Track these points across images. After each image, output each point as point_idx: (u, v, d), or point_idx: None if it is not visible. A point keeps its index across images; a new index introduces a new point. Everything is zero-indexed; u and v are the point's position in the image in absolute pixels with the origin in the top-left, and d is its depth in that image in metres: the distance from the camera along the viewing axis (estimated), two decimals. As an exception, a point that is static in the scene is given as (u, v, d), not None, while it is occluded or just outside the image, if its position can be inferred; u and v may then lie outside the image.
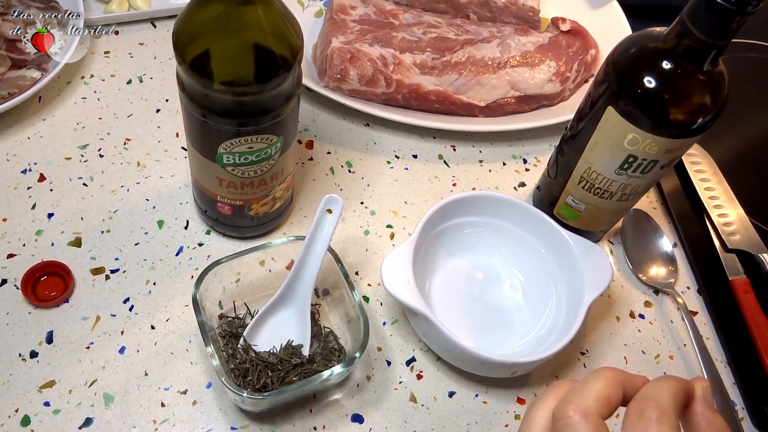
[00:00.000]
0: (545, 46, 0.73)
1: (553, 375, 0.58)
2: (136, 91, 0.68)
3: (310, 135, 0.68)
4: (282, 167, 0.53)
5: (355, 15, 0.71)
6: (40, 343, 0.52)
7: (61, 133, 0.64)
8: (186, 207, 0.61)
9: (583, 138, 0.56)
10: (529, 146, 0.72)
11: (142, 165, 0.63)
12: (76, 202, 0.60)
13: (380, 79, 0.67)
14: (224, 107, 0.45)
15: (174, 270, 0.57)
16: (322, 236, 0.51)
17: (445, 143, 0.71)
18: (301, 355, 0.52)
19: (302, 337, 0.53)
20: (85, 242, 0.58)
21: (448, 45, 0.70)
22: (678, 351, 0.61)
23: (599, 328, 0.61)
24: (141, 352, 0.53)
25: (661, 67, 0.49)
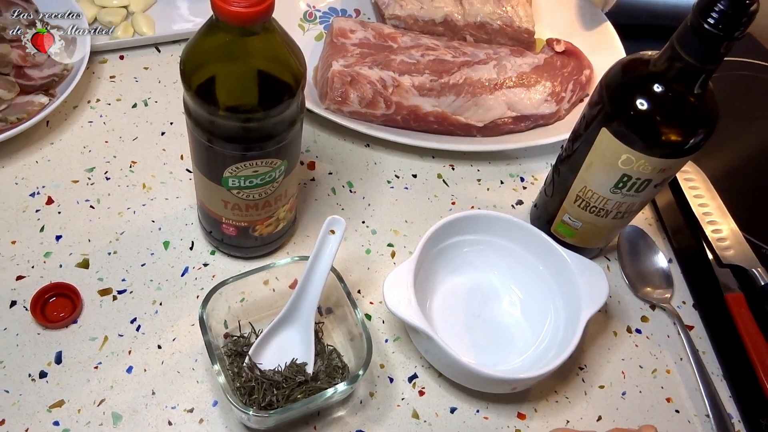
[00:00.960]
0: (540, 67, 0.75)
1: (553, 390, 0.59)
2: (142, 114, 0.70)
3: (311, 156, 0.70)
4: (285, 189, 0.54)
5: (354, 38, 0.73)
6: (50, 364, 0.53)
7: (68, 156, 0.65)
8: (191, 228, 0.62)
9: (578, 158, 0.57)
10: (526, 165, 0.74)
11: (148, 187, 0.64)
12: (84, 224, 0.61)
13: (380, 101, 0.68)
14: (230, 133, 0.47)
15: (180, 290, 0.59)
16: (326, 256, 0.53)
17: (443, 163, 0.72)
18: (306, 373, 0.53)
19: (306, 355, 0.54)
20: (93, 264, 0.59)
21: (445, 67, 0.72)
22: (675, 365, 0.62)
23: (597, 344, 0.62)
24: (148, 371, 0.54)
25: (652, 89, 0.51)
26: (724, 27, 0.45)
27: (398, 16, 0.77)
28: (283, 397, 0.51)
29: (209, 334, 0.50)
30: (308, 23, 0.79)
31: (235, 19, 0.41)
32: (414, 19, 0.77)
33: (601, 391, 0.59)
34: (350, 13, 0.83)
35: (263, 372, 0.52)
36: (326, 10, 0.82)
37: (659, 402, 0.60)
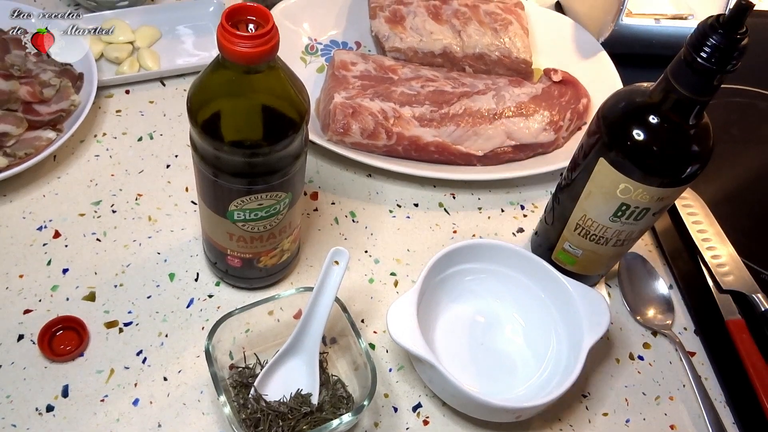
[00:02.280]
0: (538, 97, 0.76)
1: (557, 418, 0.59)
2: (147, 147, 0.71)
3: (314, 186, 0.71)
4: (290, 221, 0.55)
5: (355, 71, 0.74)
6: (56, 397, 0.53)
7: (75, 190, 0.66)
8: (196, 259, 0.63)
9: (577, 187, 0.58)
10: (526, 193, 0.75)
11: (154, 219, 0.65)
12: (90, 258, 0.62)
13: (381, 132, 0.69)
14: (235, 167, 0.48)
15: (185, 322, 0.59)
16: (330, 287, 0.53)
17: (444, 191, 0.73)
18: (311, 404, 0.53)
19: (311, 385, 0.54)
20: (99, 296, 0.59)
21: (445, 98, 0.73)
22: (678, 392, 0.62)
23: (600, 371, 0.62)
24: (154, 403, 0.54)
25: (648, 121, 0.52)
26: (717, 61, 0.46)
27: (398, 48, 0.78)
28: (289, 428, 0.51)
29: (215, 366, 0.50)
30: (310, 56, 0.81)
31: (240, 58, 0.42)
32: (414, 51, 0.79)
33: (605, 418, 0.60)
34: (351, 46, 0.84)
35: (269, 403, 0.53)
36: (327, 43, 0.83)
37: (663, 429, 0.60)
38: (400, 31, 0.79)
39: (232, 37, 0.42)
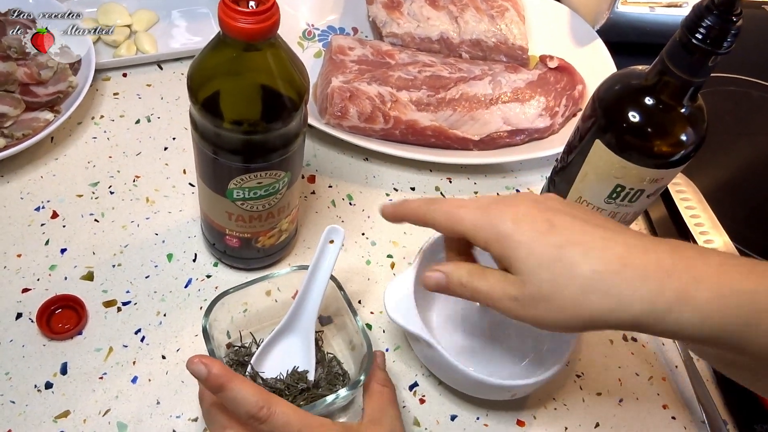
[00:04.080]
0: (534, 83, 0.77)
1: (551, 397, 0.60)
2: (145, 130, 0.71)
3: (311, 170, 0.71)
4: (288, 201, 0.56)
5: (353, 55, 0.74)
6: (55, 375, 0.54)
7: (72, 171, 0.66)
8: (194, 240, 0.63)
9: (573, 169, 0.59)
10: (522, 177, 0.75)
11: (151, 201, 0.65)
12: (88, 238, 0.62)
13: (378, 116, 0.70)
14: (235, 145, 0.48)
15: (183, 301, 0.59)
16: (325, 265, 0.54)
17: (441, 176, 0.74)
18: (307, 381, 0.54)
19: (307, 363, 0.55)
20: (97, 276, 0.60)
21: (442, 83, 0.74)
22: (670, 372, 0.63)
23: (594, 352, 0.63)
24: (153, 381, 0.55)
25: (644, 103, 0.53)
26: (712, 42, 0.47)
27: (395, 33, 0.79)
28: None
29: (212, 344, 0.50)
30: (307, 41, 0.81)
31: (241, 34, 0.43)
32: (411, 36, 0.79)
33: (598, 398, 0.60)
34: (348, 32, 0.84)
35: (265, 380, 0.53)
36: (325, 28, 0.84)
37: (656, 409, 0.61)
38: (397, 17, 0.79)
39: (234, 13, 0.42)
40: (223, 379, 0.41)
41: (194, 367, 0.41)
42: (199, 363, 0.41)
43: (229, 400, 0.41)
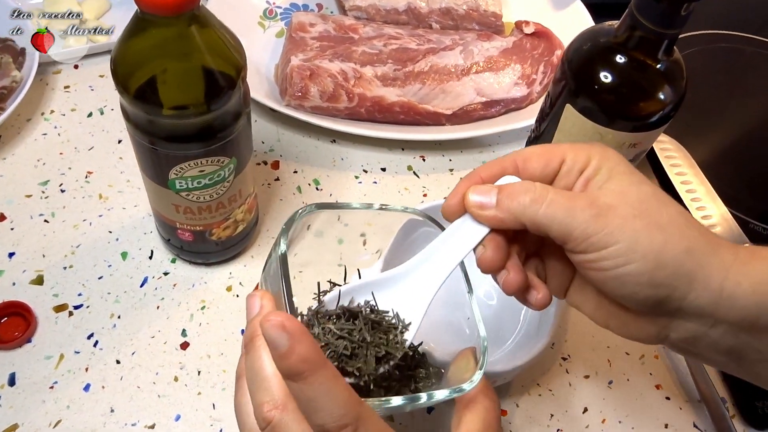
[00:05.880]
0: (509, 50, 0.73)
1: (535, 383, 0.56)
2: (97, 123, 0.67)
3: (275, 155, 0.68)
4: (239, 189, 0.52)
5: (314, 32, 0.70)
6: (2, 386, 0.51)
7: (21, 171, 0.63)
8: (150, 237, 0.60)
9: (546, 138, 0.55)
10: (501, 150, 0.71)
11: (105, 197, 0.62)
12: (38, 240, 0.58)
13: (342, 94, 0.66)
14: (169, 132, 0.45)
15: (139, 302, 0.56)
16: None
17: (413, 154, 0.70)
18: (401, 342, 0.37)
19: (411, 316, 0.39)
20: (48, 279, 0.56)
21: (409, 55, 0.70)
22: (663, 350, 0.59)
23: (580, 332, 0.59)
24: (106, 388, 0.51)
25: (615, 61, 0.49)
26: (682, -13, 0.43)
27: (359, 6, 0.74)
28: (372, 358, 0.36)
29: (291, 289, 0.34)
30: (269, 20, 0.77)
31: (156, 7, 0.39)
32: (376, 9, 0.75)
33: (586, 381, 0.57)
34: (313, 8, 0.80)
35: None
36: (287, 6, 0.79)
37: (648, 389, 0.57)
38: (361, -11, 0.75)
39: (146, -16, 0.38)
40: (307, 366, 0.28)
41: (273, 333, 0.28)
42: (281, 330, 0.28)
43: (304, 398, 0.29)
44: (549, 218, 0.33)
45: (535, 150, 0.37)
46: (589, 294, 0.38)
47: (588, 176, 0.35)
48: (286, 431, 0.29)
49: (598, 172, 0.35)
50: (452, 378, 0.37)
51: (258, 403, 0.30)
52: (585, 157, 0.35)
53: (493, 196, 0.35)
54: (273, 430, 0.30)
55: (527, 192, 0.34)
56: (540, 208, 0.33)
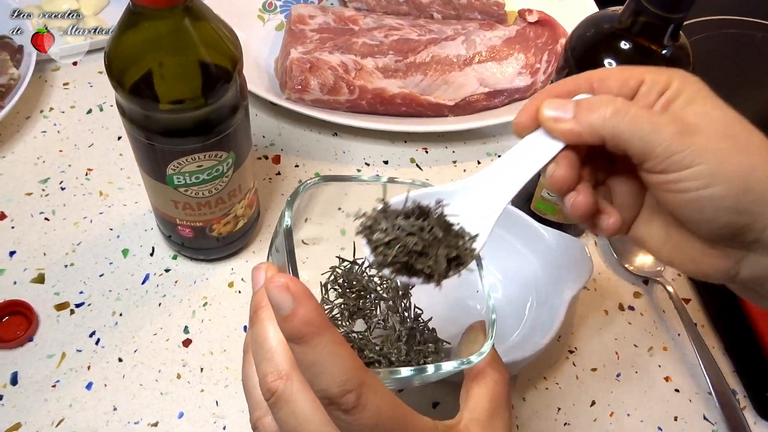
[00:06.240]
0: (512, 39, 0.71)
1: (542, 377, 0.55)
2: (97, 120, 0.67)
3: (276, 150, 0.67)
4: (239, 184, 0.51)
5: (314, 24, 0.69)
6: (5, 385, 0.50)
7: (21, 169, 0.62)
8: (151, 233, 0.59)
9: (549, 128, 0.54)
10: (504, 142, 0.70)
11: (105, 194, 0.61)
12: (38, 238, 0.58)
13: (342, 87, 0.65)
14: (165, 127, 0.44)
15: (140, 299, 0.56)
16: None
17: (416, 146, 0.69)
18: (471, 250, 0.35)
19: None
20: (49, 278, 0.56)
21: (410, 46, 0.69)
22: (672, 341, 0.58)
23: (587, 324, 0.58)
24: (108, 386, 0.51)
25: (619, 48, 0.47)
26: (687, -31, 0.41)
27: (359, -3, 0.73)
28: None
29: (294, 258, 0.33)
30: (268, 13, 0.76)
31: (149, 0, 0.38)
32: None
33: (593, 374, 0.56)
34: (312, 0, 0.79)
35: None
36: (287, -2, 0.78)
37: (657, 382, 0.56)
38: (361, -20, 0.74)
39: (137, -23, 0.38)
40: (310, 328, 0.27)
41: (276, 294, 0.28)
42: (285, 291, 0.28)
43: (307, 362, 0.28)
44: (631, 132, 0.32)
45: (612, 69, 0.35)
46: (655, 226, 0.35)
47: (669, 98, 0.33)
48: (290, 401, 0.29)
49: (680, 95, 0.33)
50: (462, 352, 0.36)
51: (263, 374, 0.30)
52: (666, 79, 0.34)
53: (569, 109, 0.33)
54: (277, 400, 0.29)
55: (609, 104, 0.32)
56: (622, 120, 0.32)
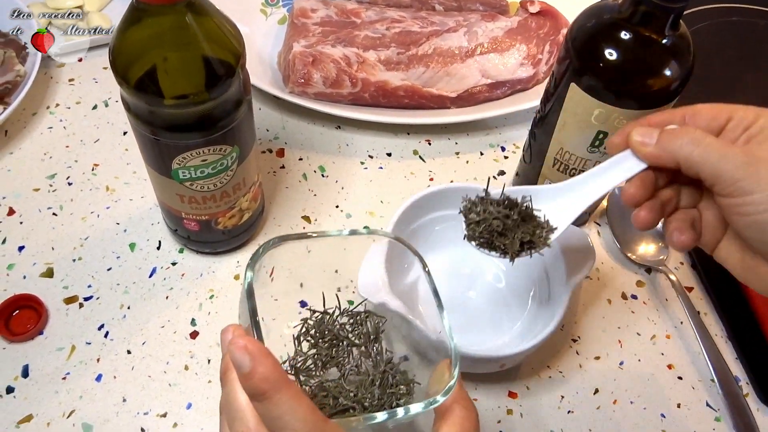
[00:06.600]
0: (514, 30, 0.72)
1: (545, 365, 0.56)
2: (103, 115, 0.67)
3: (280, 143, 0.67)
4: (243, 177, 0.52)
5: (316, 17, 0.70)
6: (16, 378, 0.51)
7: (28, 165, 0.63)
8: (157, 227, 0.60)
9: (551, 119, 0.54)
10: (507, 133, 0.71)
11: (111, 189, 0.62)
12: (47, 233, 0.59)
13: (345, 80, 0.65)
14: (169, 122, 0.44)
15: (148, 292, 0.56)
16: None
17: (419, 138, 0.69)
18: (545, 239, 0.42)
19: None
20: (57, 272, 0.57)
21: (412, 38, 0.69)
22: (675, 330, 0.59)
23: (590, 313, 0.59)
24: (118, 378, 0.52)
25: (619, 37, 0.48)
26: (686, -41, 0.42)
27: (361, -10, 0.74)
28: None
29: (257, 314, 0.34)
30: (270, 7, 0.76)
31: (152, -4, 0.39)
32: (378, -8, 0.74)
33: (597, 362, 0.56)
34: (315, -6, 0.79)
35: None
36: (289, -8, 0.79)
37: (660, 369, 0.56)
38: (363, -27, 0.74)
39: (140, -27, 0.38)
40: (269, 385, 0.30)
41: (237, 355, 0.30)
42: (244, 351, 0.30)
43: (270, 417, 0.30)
44: (702, 158, 0.36)
45: (704, 105, 0.39)
46: (733, 249, 0.39)
47: (751, 134, 0.37)
48: None
49: (761, 132, 0.36)
50: (430, 391, 0.37)
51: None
52: (753, 116, 0.37)
53: (654, 136, 0.38)
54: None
55: (687, 134, 0.37)
56: (696, 148, 0.36)
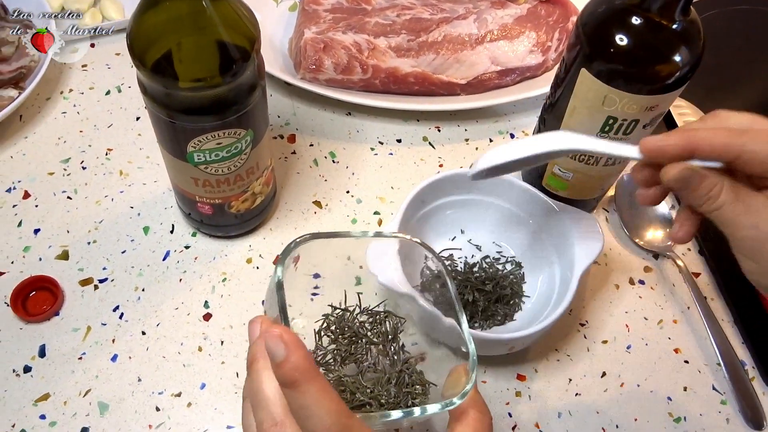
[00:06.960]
0: (524, 18, 0.72)
1: (553, 349, 0.56)
2: (116, 101, 0.68)
3: (291, 129, 0.68)
4: (256, 161, 0.52)
5: (327, 4, 0.70)
6: (33, 358, 0.52)
7: (43, 149, 0.64)
8: (171, 211, 0.61)
9: (561, 105, 0.55)
10: (516, 120, 0.71)
11: (125, 173, 0.63)
12: (62, 216, 0.60)
13: (356, 66, 0.66)
14: (186, 105, 0.45)
15: (162, 275, 0.57)
16: None
17: (429, 125, 0.70)
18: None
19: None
20: (73, 254, 0.58)
21: (423, 25, 0.69)
22: (682, 314, 0.59)
23: (598, 298, 0.60)
24: (133, 358, 0.53)
25: (630, 23, 0.48)
26: (698, -56, 0.42)
27: (372, -23, 0.74)
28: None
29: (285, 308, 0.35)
30: (281, -6, 0.77)
31: (170, -20, 0.39)
32: (388, -21, 0.74)
33: (604, 346, 0.57)
34: (325, -19, 0.80)
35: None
36: (300, -21, 0.79)
37: (667, 353, 0.57)
38: (373, -40, 0.74)
39: (159, -43, 0.39)
40: (300, 374, 0.31)
41: (272, 343, 0.31)
42: (279, 340, 0.31)
43: (297, 406, 0.31)
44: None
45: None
46: None
47: None
48: None
49: None
50: (446, 393, 0.39)
51: (259, 421, 0.32)
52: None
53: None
54: None
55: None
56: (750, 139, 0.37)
